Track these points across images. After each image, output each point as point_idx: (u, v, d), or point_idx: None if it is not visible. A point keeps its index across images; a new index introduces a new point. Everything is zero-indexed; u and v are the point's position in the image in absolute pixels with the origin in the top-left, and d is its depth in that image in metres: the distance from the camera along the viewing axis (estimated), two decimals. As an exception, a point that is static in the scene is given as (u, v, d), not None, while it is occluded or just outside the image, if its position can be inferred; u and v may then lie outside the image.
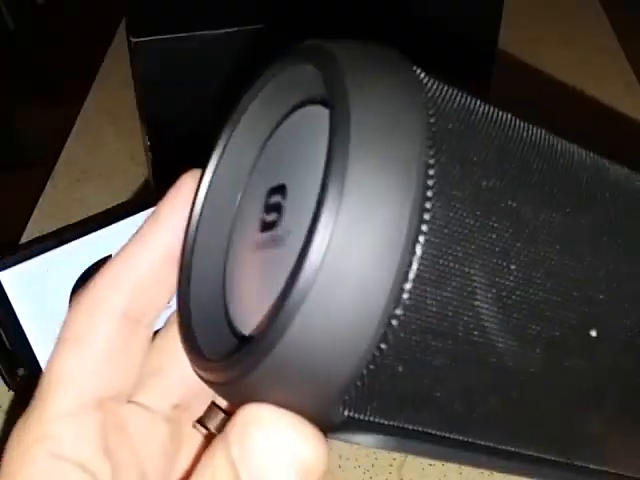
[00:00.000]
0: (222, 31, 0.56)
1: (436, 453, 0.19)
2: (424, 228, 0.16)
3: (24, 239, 0.60)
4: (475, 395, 0.18)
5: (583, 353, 0.19)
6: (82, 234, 0.43)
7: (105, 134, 0.70)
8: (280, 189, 0.19)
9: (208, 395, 0.22)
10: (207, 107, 0.60)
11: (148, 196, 0.57)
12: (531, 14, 0.79)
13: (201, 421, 0.22)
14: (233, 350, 0.19)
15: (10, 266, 0.43)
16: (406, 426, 0.18)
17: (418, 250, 0.16)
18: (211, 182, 0.22)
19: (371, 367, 0.16)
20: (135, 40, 0.55)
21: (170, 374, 0.23)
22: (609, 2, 0.80)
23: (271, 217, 0.19)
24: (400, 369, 0.17)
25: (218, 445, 0.18)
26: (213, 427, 0.22)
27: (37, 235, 0.59)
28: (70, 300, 0.44)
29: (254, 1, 0.59)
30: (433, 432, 0.18)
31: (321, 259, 0.15)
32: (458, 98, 0.18)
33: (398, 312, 0.16)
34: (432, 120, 0.17)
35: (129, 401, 0.22)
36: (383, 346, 0.16)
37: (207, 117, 0.21)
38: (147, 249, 0.22)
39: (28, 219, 0.62)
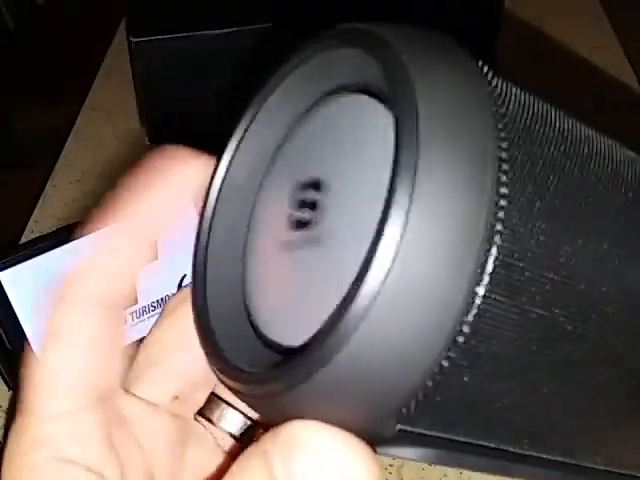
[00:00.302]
0: (222, 31, 0.56)
1: (488, 465, 0.18)
2: (499, 227, 0.15)
3: (24, 239, 0.60)
4: (538, 405, 0.17)
5: None
6: (82, 234, 0.43)
7: (105, 134, 0.70)
8: (314, 184, 0.18)
9: (208, 386, 0.22)
10: (207, 107, 0.60)
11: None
12: (531, 15, 0.79)
13: (202, 413, 0.22)
14: (276, 361, 0.17)
15: (10, 266, 0.43)
16: (459, 438, 0.17)
17: (494, 252, 0.15)
18: (228, 169, 0.20)
19: (437, 378, 0.15)
20: (135, 40, 0.55)
21: (167, 365, 0.22)
22: (609, 2, 0.80)
23: (305, 215, 0.18)
24: (466, 379, 0.16)
25: (256, 462, 0.17)
26: (215, 418, 0.21)
27: (37, 235, 0.60)
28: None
29: (254, 1, 0.59)
30: (486, 444, 0.17)
31: (390, 264, 0.14)
32: (515, 89, 0.17)
33: (471, 319, 0.15)
34: (501, 111, 0.16)
35: (127, 393, 0.21)
36: (453, 355, 0.15)
37: (207, 117, 0.20)
38: (126, 235, 0.20)
39: (28, 219, 0.62)
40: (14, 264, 0.45)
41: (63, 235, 0.48)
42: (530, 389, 0.17)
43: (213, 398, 0.22)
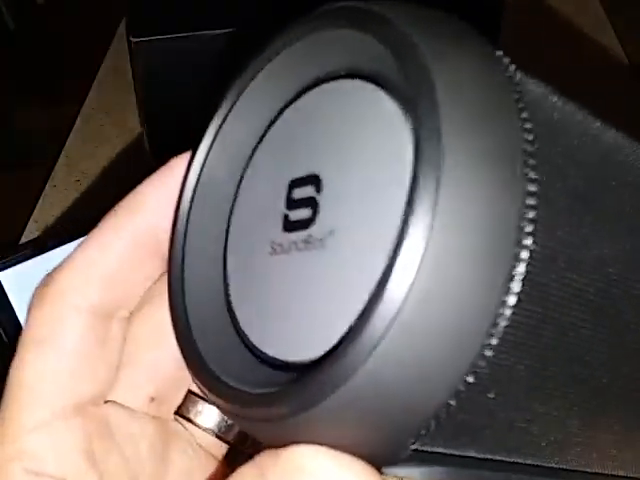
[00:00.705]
0: (222, 31, 0.56)
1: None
2: (530, 229, 0.13)
3: (24, 239, 0.60)
4: (564, 418, 0.16)
5: None
6: (82, 234, 0.43)
7: (105, 134, 0.70)
8: (310, 180, 0.16)
9: (186, 384, 0.21)
10: (207, 107, 0.60)
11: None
12: (531, 16, 0.79)
13: (180, 412, 0.21)
14: (273, 379, 0.15)
15: (10, 266, 0.43)
16: (480, 456, 0.16)
17: (525, 256, 0.13)
18: (204, 164, 0.18)
19: (462, 396, 0.14)
20: (135, 40, 0.55)
21: (140, 365, 0.20)
22: (609, 2, 0.80)
23: (300, 214, 0.16)
24: (491, 396, 0.14)
25: None
26: (192, 416, 0.20)
27: (37, 235, 0.60)
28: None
29: (254, 1, 0.59)
30: (502, 459, 0.16)
31: (414, 275, 0.13)
32: (528, 75, 0.15)
33: (500, 331, 0.14)
34: (522, 105, 0.14)
35: (105, 401, 0.20)
36: (479, 370, 0.14)
37: (207, 117, 0.19)
38: (121, 233, 0.19)
39: (28, 219, 0.62)
40: (14, 264, 0.45)
41: (63, 235, 0.48)
42: (558, 403, 0.16)
43: (190, 396, 0.21)
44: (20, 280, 0.42)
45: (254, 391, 0.15)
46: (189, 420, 0.21)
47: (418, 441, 0.14)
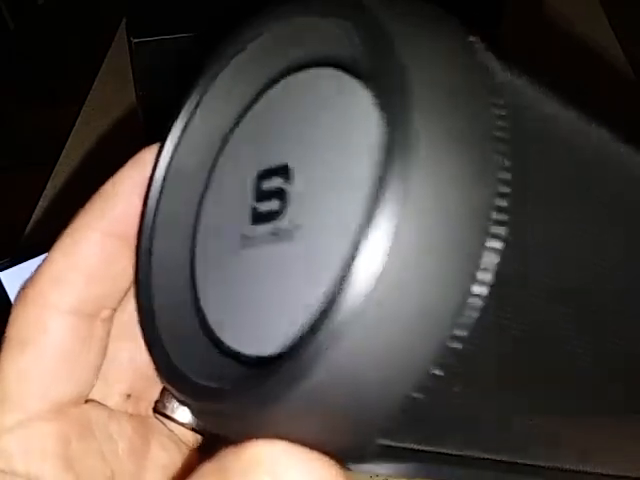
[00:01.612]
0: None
1: (476, 478, 0.16)
2: (499, 230, 0.13)
3: (24, 239, 0.60)
4: (534, 415, 0.16)
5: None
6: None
7: (105, 134, 0.70)
8: (279, 171, 0.15)
9: None
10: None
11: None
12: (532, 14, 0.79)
13: (157, 408, 0.20)
14: (237, 373, 0.15)
15: (10, 266, 0.43)
16: (445, 451, 0.15)
17: (496, 246, 0.13)
18: (173, 156, 0.18)
19: (427, 389, 0.13)
20: (135, 40, 0.55)
21: (114, 361, 0.20)
22: (609, 2, 0.80)
23: (269, 206, 0.15)
24: (457, 390, 0.14)
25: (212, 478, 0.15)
26: (169, 412, 0.20)
27: (37, 235, 0.59)
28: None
29: (255, 1, 0.59)
30: (475, 455, 0.16)
31: (379, 267, 0.12)
32: (506, 61, 0.15)
33: (463, 328, 0.13)
34: (494, 90, 0.14)
35: (85, 400, 0.20)
36: (444, 364, 0.13)
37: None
38: (95, 227, 0.19)
39: (28, 219, 0.62)
40: (14, 264, 0.45)
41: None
42: (529, 399, 0.15)
43: (165, 392, 0.20)
44: (20, 280, 0.42)
45: (215, 386, 0.15)
46: (166, 416, 0.20)
47: (384, 436, 0.14)
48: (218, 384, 0.15)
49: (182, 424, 0.20)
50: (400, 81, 0.13)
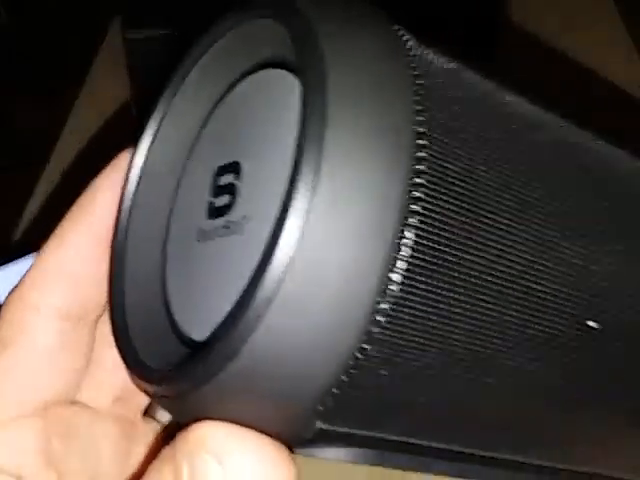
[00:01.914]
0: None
1: (418, 464, 0.17)
2: (416, 208, 0.14)
3: (23, 239, 0.60)
4: (465, 399, 0.16)
5: (583, 347, 0.17)
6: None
7: (100, 132, 0.69)
8: (232, 167, 0.16)
9: None
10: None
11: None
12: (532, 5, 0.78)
13: (147, 412, 0.21)
14: (183, 358, 0.16)
15: (5, 265, 0.43)
16: (384, 436, 0.16)
17: (409, 235, 0.14)
18: (146, 159, 0.19)
19: (352, 371, 0.14)
20: (130, 36, 0.54)
21: (104, 365, 0.20)
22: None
23: (222, 200, 0.16)
24: (383, 372, 0.14)
25: (167, 467, 0.16)
26: (159, 416, 0.20)
27: (36, 235, 0.59)
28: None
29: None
30: (414, 441, 0.16)
31: (294, 250, 0.13)
32: (439, 58, 0.16)
33: (385, 307, 0.14)
34: (419, 82, 0.14)
35: (71, 402, 0.20)
36: (367, 347, 0.14)
37: None
38: (82, 233, 0.19)
39: (24, 219, 0.62)
40: (13, 264, 0.45)
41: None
42: (452, 383, 0.15)
43: None
44: (15, 280, 0.42)
45: (167, 371, 0.16)
46: (155, 419, 0.21)
47: (323, 420, 0.15)
48: (168, 369, 0.16)
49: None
50: (318, 75, 0.13)
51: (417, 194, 0.14)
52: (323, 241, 0.13)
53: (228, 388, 0.14)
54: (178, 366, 0.15)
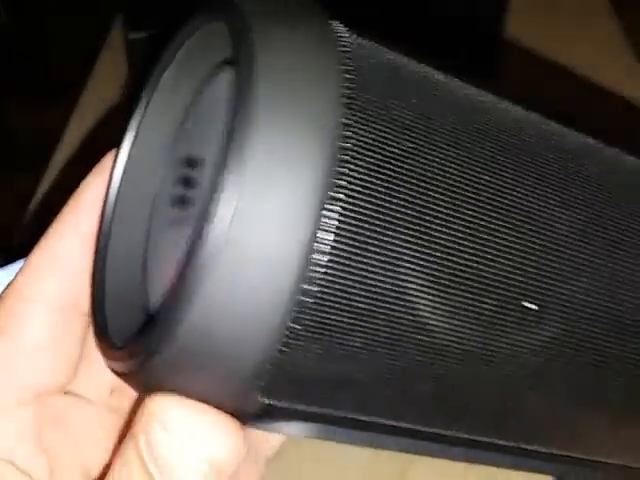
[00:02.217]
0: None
1: (366, 440, 0.17)
2: (340, 195, 0.14)
3: (23, 239, 0.60)
4: (402, 376, 0.16)
5: (522, 328, 0.17)
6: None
7: (100, 133, 0.69)
8: (194, 161, 0.18)
9: None
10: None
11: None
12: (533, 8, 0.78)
13: None
14: (136, 335, 0.17)
15: (5, 266, 0.43)
16: (329, 412, 0.17)
17: (333, 219, 0.14)
18: (129, 158, 0.20)
19: (284, 348, 0.15)
20: (132, 37, 0.54)
21: (100, 357, 0.21)
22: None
23: (181, 191, 0.18)
24: (316, 349, 0.15)
25: (130, 442, 0.17)
26: None
27: (35, 235, 0.59)
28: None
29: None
30: (359, 417, 0.17)
31: (224, 232, 0.14)
32: (376, 51, 0.16)
33: (310, 287, 0.14)
34: (348, 75, 0.15)
35: (65, 392, 0.21)
36: (295, 325, 0.15)
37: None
38: (74, 228, 0.20)
39: (24, 219, 0.62)
40: (12, 264, 0.45)
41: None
42: (391, 358, 0.16)
43: None
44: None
45: (123, 347, 0.17)
46: None
47: (264, 395, 0.16)
48: (118, 347, 0.17)
49: None
50: (248, 74, 0.14)
51: (341, 181, 0.14)
52: (250, 226, 0.14)
53: (169, 362, 0.15)
54: (125, 344, 0.16)
